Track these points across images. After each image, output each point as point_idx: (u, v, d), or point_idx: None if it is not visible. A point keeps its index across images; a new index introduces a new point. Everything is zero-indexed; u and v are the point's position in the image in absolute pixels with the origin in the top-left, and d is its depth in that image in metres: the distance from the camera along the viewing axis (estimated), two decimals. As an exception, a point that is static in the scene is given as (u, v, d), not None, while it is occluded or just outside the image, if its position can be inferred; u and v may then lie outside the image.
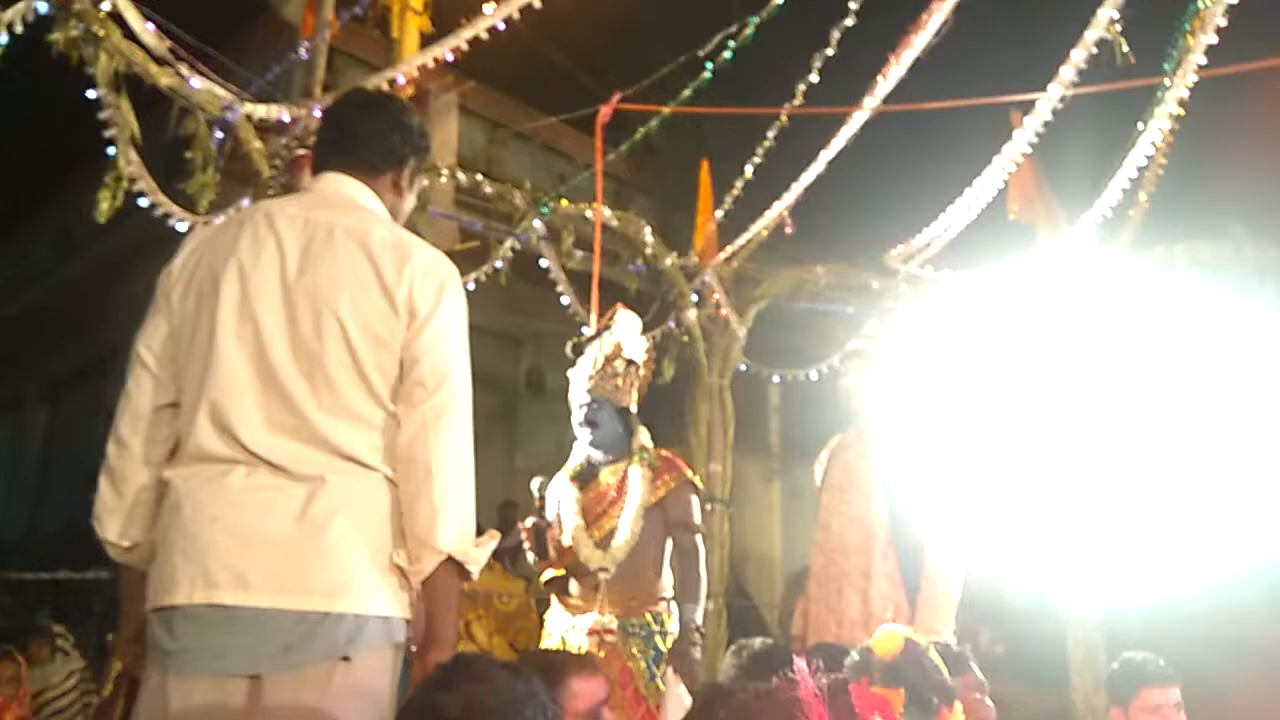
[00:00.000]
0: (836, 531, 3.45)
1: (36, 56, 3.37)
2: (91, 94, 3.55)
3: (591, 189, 5.26)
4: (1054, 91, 4.18)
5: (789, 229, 5.56)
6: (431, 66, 4.51)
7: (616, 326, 3.35)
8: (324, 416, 1.68)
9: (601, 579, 3.11)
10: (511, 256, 5.26)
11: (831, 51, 4.62)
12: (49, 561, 6.50)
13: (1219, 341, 4.45)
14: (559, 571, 3.23)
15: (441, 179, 4.96)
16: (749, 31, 4.62)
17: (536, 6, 4.15)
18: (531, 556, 3.25)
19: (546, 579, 3.25)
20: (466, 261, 1.86)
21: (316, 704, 1.57)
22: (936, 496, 3.30)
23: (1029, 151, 4.54)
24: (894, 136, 5.43)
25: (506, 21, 4.23)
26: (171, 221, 4.02)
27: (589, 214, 5.20)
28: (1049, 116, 4.29)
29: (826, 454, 3.71)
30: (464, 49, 4.33)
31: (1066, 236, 4.96)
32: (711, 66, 4.76)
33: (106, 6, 3.49)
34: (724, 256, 5.81)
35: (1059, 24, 4.35)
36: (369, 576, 1.65)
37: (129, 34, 3.61)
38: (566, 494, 3.32)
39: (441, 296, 1.77)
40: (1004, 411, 4.36)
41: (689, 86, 4.92)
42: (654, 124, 5.23)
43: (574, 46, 7.34)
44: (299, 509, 1.63)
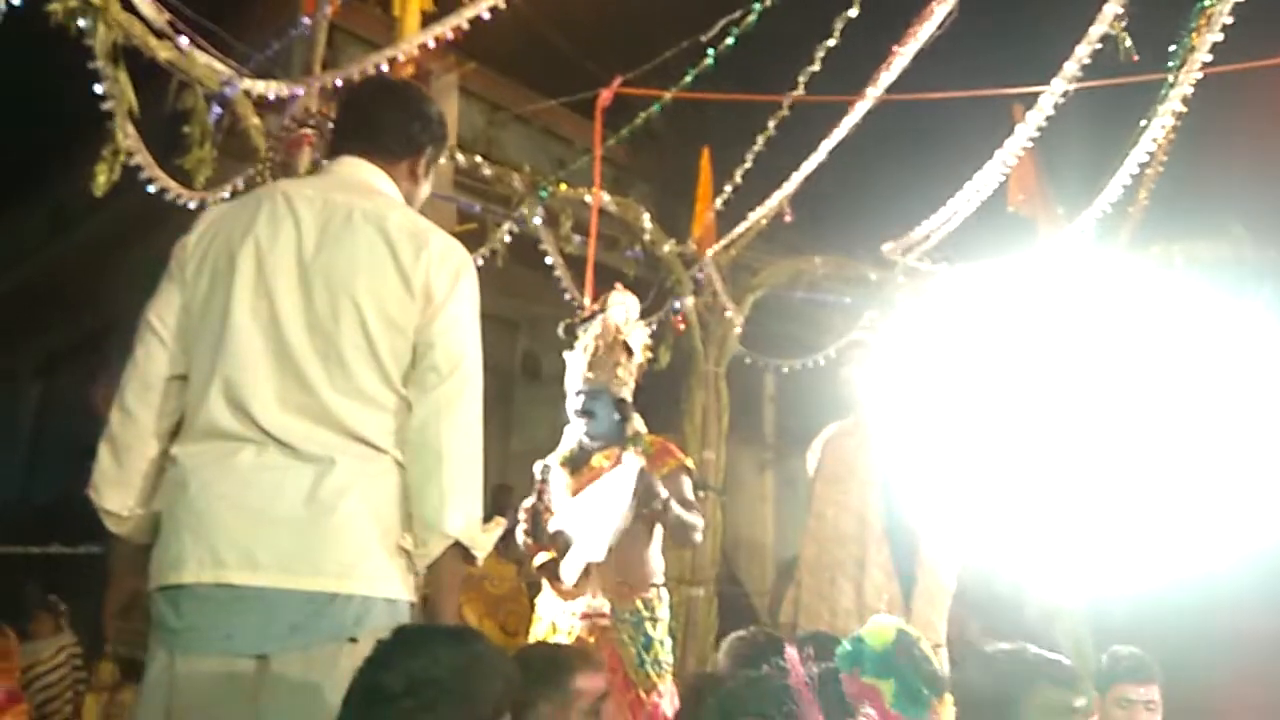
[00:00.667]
0: (831, 520, 3.46)
1: (32, 26, 3.34)
2: (89, 66, 3.52)
3: (590, 173, 5.23)
4: (1057, 86, 4.17)
5: (788, 218, 5.55)
6: (432, 46, 4.47)
7: (612, 309, 3.33)
8: (336, 397, 1.68)
9: (591, 563, 3.10)
10: (509, 240, 5.24)
11: (835, 41, 4.60)
12: (41, 536, 6.49)
13: (1215, 340, 4.46)
14: (551, 554, 3.23)
15: (440, 160, 4.92)
16: (752, 18, 4.60)
17: (539, -12, 4.13)
18: (523, 539, 3.24)
19: (538, 563, 3.25)
20: (464, 244, 1.87)
21: (323, 684, 1.57)
22: (932, 487, 3.31)
23: (1030, 146, 4.53)
24: (895, 128, 5.42)
25: (508, 2, 4.19)
26: (167, 197, 3.99)
27: (588, 198, 5.18)
28: (1051, 111, 4.28)
29: (820, 442, 3.71)
30: (465, 29, 4.30)
31: (1065, 232, 4.96)
32: (714, 52, 4.74)
33: (105, -23, 3.46)
34: (722, 244, 5.80)
35: (1063, 19, 4.34)
36: (377, 559, 1.66)
37: (128, 5, 3.57)
38: (558, 478, 3.31)
39: (457, 283, 1.78)
40: (999, 404, 4.37)
41: (691, 72, 4.90)
42: (654, 109, 5.20)
43: (576, 29, 7.28)
44: (308, 489, 1.63)
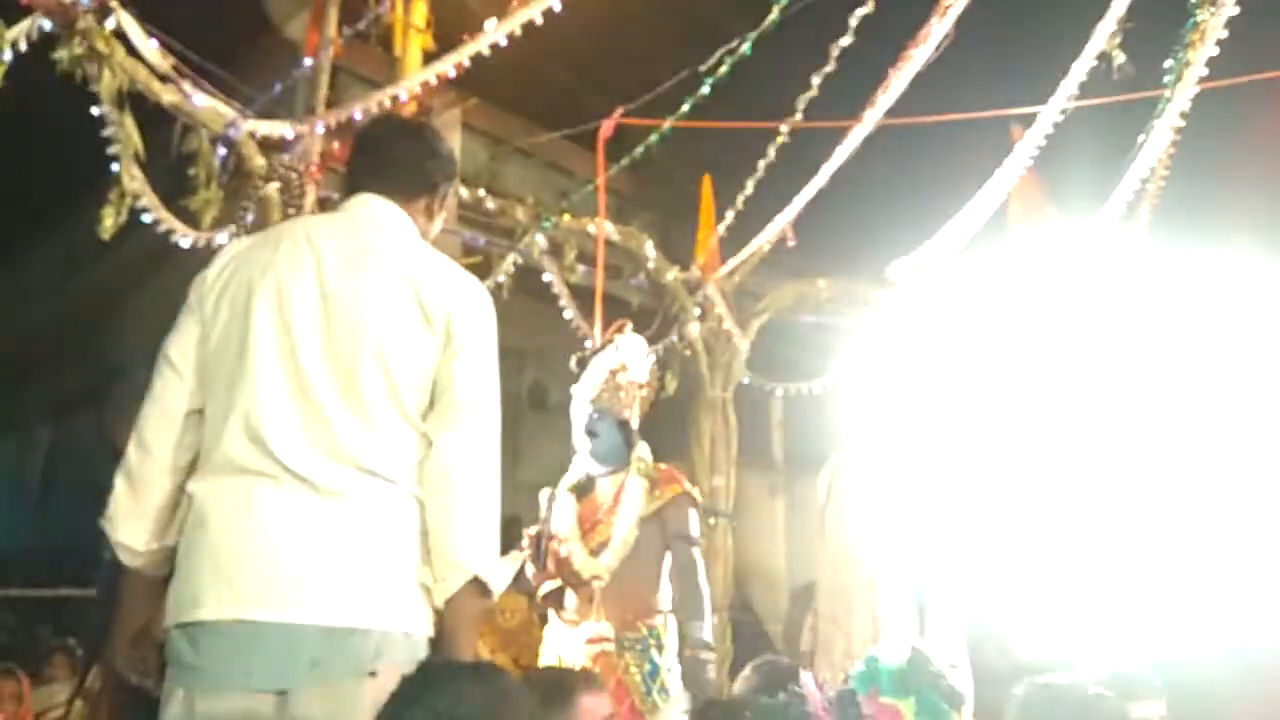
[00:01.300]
0: (845, 546, 3.44)
1: (39, 74, 3.38)
2: (95, 111, 3.56)
3: (593, 204, 5.27)
4: (1054, 105, 4.19)
5: (791, 242, 5.57)
6: (434, 84, 4.52)
7: (622, 346, 3.35)
8: (356, 432, 1.68)
9: (595, 588, 3.09)
10: (514, 271, 5.26)
11: (831, 66, 4.64)
12: (51, 579, 6.47)
13: (1218, 355, 4.41)
14: (556, 582, 3.21)
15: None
16: (745, 48, 4.64)
17: (538, 23, 4.17)
18: (529, 568, 3.23)
19: (544, 593, 3.23)
20: (470, 277, 1.91)
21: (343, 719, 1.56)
22: (944, 510, 3.29)
23: (1030, 165, 4.54)
24: (895, 150, 5.44)
25: (508, 38, 4.24)
26: (175, 238, 4.02)
27: (591, 228, 5.21)
28: (1050, 130, 4.30)
29: (831, 468, 3.70)
30: (466, 66, 4.35)
31: (1069, 249, 4.96)
32: (711, 82, 4.78)
33: (111, 24, 3.51)
34: (726, 270, 5.82)
35: (1059, 38, 4.37)
36: (395, 593, 1.65)
37: (132, 51, 3.62)
38: (564, 505, 3.31)
39: (478, 321, 1.81)
40: (1002, 440, 4.24)
41: (689, 101, 4.94)
42: (654, 139, 5.24)
43: (576, 63, 7.36)
44: (326, 524, 1.63)
